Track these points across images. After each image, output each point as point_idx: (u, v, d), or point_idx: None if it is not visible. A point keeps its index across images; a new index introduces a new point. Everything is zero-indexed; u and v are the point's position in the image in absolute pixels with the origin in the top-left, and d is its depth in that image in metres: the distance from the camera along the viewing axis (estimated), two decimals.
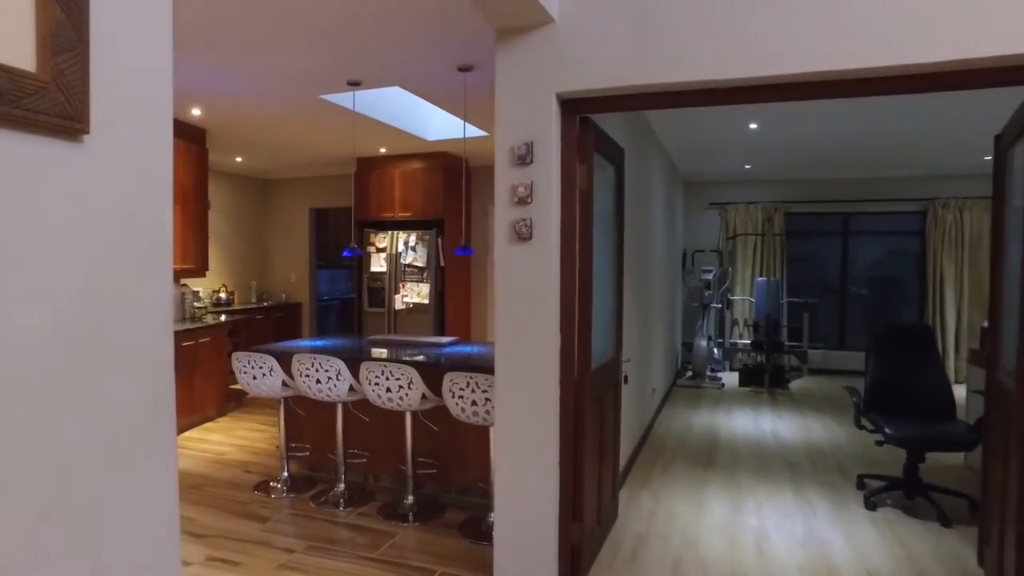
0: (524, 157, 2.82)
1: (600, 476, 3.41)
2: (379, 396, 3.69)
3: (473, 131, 6.23)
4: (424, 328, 7.15)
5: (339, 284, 10.50)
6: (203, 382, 5.85)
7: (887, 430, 3.80)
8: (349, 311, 9.91)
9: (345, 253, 4.69)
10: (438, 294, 7.18)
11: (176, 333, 5.45)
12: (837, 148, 6.91)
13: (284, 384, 4.06)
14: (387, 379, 3.62)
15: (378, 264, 7.36)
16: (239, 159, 7.69)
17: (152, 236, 0.97)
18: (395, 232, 7.28)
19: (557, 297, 2.86)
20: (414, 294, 7.17)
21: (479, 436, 3.90)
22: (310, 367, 3.83)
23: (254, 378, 4.06)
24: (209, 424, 5.94)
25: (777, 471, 4.71)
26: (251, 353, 4.04)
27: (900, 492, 4.00)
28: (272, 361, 4.00)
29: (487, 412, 3.41)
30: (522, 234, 2.84)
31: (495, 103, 2.90)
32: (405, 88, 4.73)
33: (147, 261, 0.95)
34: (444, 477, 4.11)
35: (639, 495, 4.24)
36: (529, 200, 2.83)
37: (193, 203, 5.97)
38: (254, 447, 5.25)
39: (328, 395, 3.85)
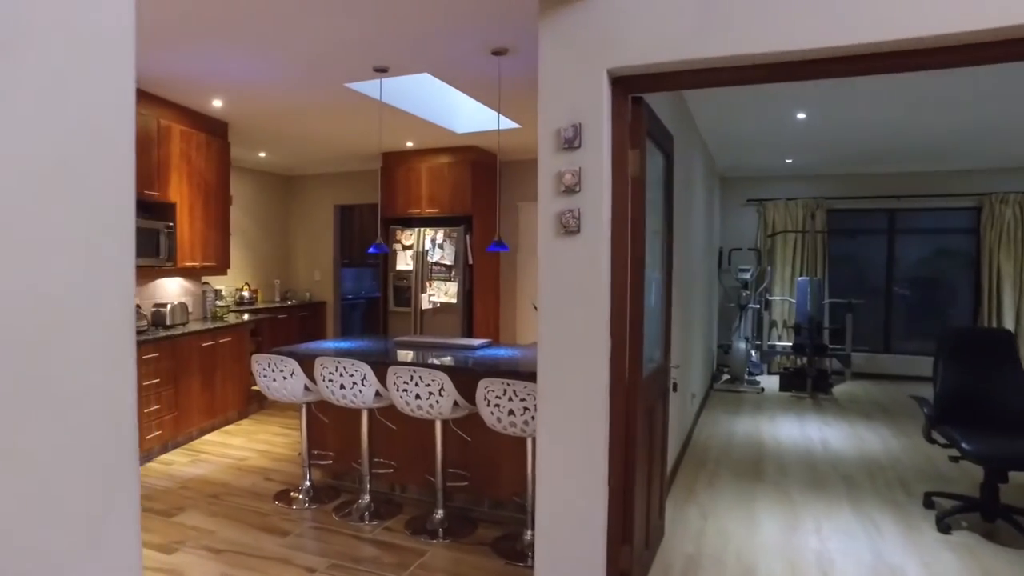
0: (571, 141, 2.53)
1: (649, 492, 3.11)
2: (407, 403, 3.42)
3: (505, 123, 5.95)
4: (452, 329, 6.89)
5: (364, 283, 10.29)
6: (224, 383, 5.65)
7: (964, 445, 3.44)
8: (374, 310, 9.70)
9: (371, 250, 4.44)
10: (466, 293, 6.91)
11: (196, 333, 5.25)
12: (887, 139, 6.51)
13: (306, 388, 3.82)
14: (416, 385, 3.36)
15: (404, 262, 7.12)
16: (262, 154, 7.50)
17: (94, 202, 0.67)
18: (422, 229, 7.03)
19: (608, 297, 2.57)
20: (441, 293, 6.91)
21: (514, 447, 3.62)
22: (333, 371, 3.58)
23: (274, 382, 3.82)
24: (230, 427, 5.73)
25: (832, 485, 4.36)
26: (271, 356, 3.80)
27: (977, 514, 3.64)
28: (293, 364, 3.75)
29: (525, 423, 3.12)
30: (569, 227, 2.55)
31: (539, 81, 2.61)
32: (434, 75, 4.46)
33: (85, 243, 0.64)
34: (476, 490, 3.84)
35: (685, 510, 3.93)
36: (577, 189, 2.54)
37: (214, 198, 5.77)
38: (276, 452, 5.02)
39: (353, 401, 3.60)
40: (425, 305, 6.96)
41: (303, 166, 8.42)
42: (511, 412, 3.14)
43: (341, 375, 3.56)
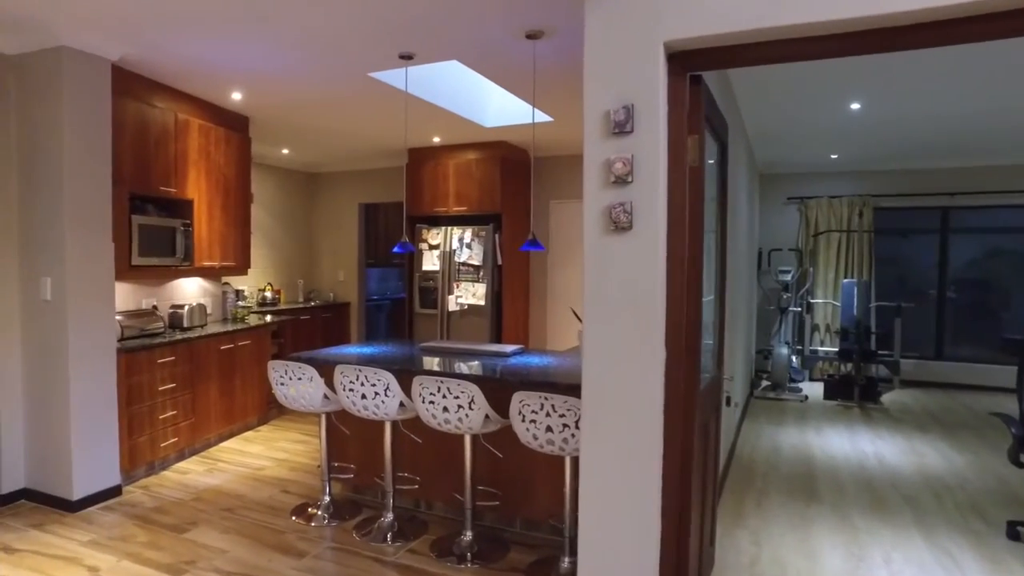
0: (623, 124, 2.22)
1: (702, 518, 2.79)
2: (434, 416, 3.13)
3: (538, 116, 5.65)
4: (480, 332, 6.61)
5: (389, 283, 10.07)
6: (243, 387, 5.43)
7: None
8: (400, 312, 9.47)
9: (396, 249, 4.17)
10: (495, 295, 6.62)
11: (215, 335, 5.02)
12: (947, 131, 6.08)
13: (325, 398, 3.55)
14: (444, 396, 3.07)
15: (431, 262, 6.85)
16: (285, 151, 7.30)
17: None
18: (449, 228, 6.76)
19: (663, 301, 2.25)
20: (469, 295, 6.63)
21: (550, 464, 3.31)
22: (355, 380, 3.31)
23: (292, 390, 3.56)
24: (249, 433, 5.51)
25: (895, 509, 3.98)
26: (288, 362, 3.55)
27: None
28: (312, 372, 3.49)
29: (565, 441, 2.82)
30: (620, 222, 2.24)
31: (585, 57, 2.31)
32: (463, 62, 4.17)
33: None
34: (508, 509, 3.54)
35: (735, 535, 3.59)
36: (629, 179, 2.23)
37: (235, 195, 5.55)
38: (294, 462, 4.78)
39: (375, 413, 3.32)
40: (452, 307, 6.69)
41: (327, 163, 8.21)
42: (549, 429, 2.84)
43: (363, 384, 3.29)
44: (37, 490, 3.92)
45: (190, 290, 5.44)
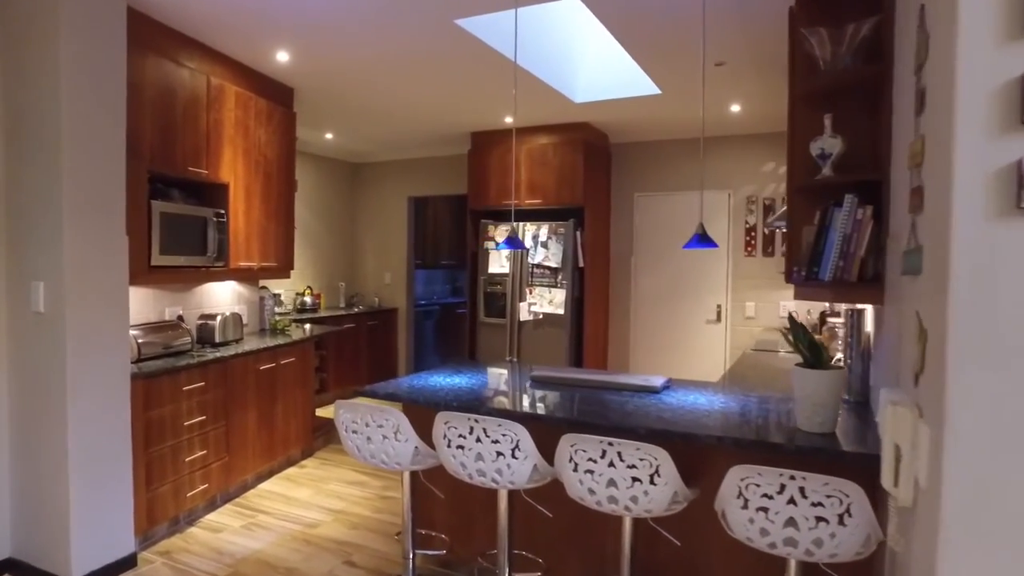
0: None
1: None
2: (592, 492, 2.12)
3: (637, 88, 4.65)
4: (555, 346, 5.60)
5: (435, 286, 9.10)
6: (285, 414, 4.47)
7: None
8: (448, 318, 8.49)
9: (503, 245, 3.19)
10: (575, 302, 5.61)
11: (253, 352, 4.07)
12: None
13: (416, 451, 2.55)
14: (611, 466, 2.06)
15: (498, 264, 5.86)
16: (329, 136, 6.35)
17: None
18: (521, 224, 5.76)
19: None
20: (545, 302, 5.63)
21: (738, 552, 2.29)
22: (467, 434, 2.31)
23: (369, 442, 2.57)
24: (292, 471, 4.54)
25: None
26: (361, 404, 2.55)
27: None
28: (399, 419, 2.49)
29: (817, 543, 1.79)
30: None
31: None
32: (590, 5, 3.18)
33: None
34: None
35: None
36: None
37: (276, 183, 4.60)
38: (354, 514, 3.80)
39: (496, 480, 2.32)
40: (524, 316, 5.69)
41: (374, 151, 7.25)
42: (791, 522, 1.82)
43: (479, 440, 2.28)
44: (25, 562, 2.98)
45: (223, 296, 4.50)
